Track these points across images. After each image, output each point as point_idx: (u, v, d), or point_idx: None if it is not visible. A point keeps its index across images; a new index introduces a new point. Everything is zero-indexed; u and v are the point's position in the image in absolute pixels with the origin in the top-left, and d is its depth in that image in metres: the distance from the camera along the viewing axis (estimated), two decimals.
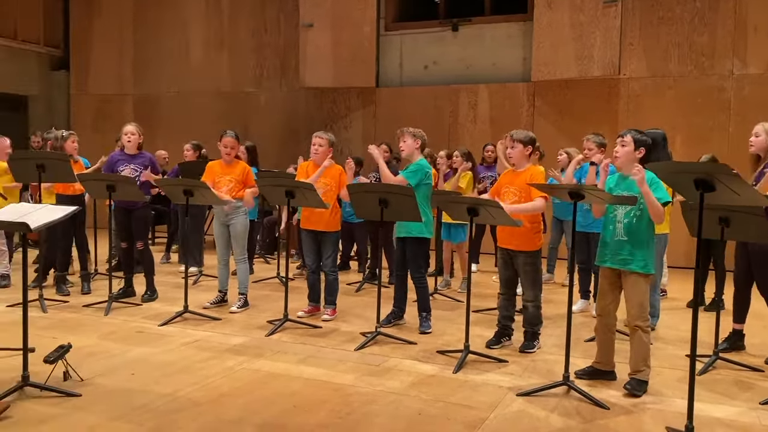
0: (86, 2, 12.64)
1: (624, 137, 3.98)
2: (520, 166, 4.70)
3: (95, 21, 12.58)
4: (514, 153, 4.67)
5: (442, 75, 10.34)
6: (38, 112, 12.71)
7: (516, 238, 4.59)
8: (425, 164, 5.17)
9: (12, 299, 5.82)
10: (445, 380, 4.04)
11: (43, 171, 5.49)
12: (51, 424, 3.20)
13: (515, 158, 4.70)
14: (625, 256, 3.87)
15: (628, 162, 3.96)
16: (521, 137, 4.64)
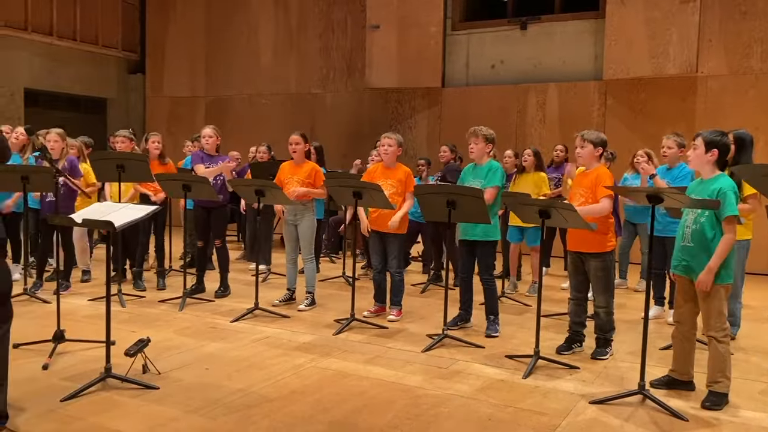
0: (161, 9, 13.12)
1: (695, 140, 3.83)
2: (589, 166, 4.59)
3: (170, 26, 13.04)
4: (584, 153, 4.55)
5: (509, 74, 10.21)
6: (116, 114, 13.28)
7: (587, 241, 4.47)
8: (499, 165, 5.14)
9: (93, 293, 6.11)
10: (514, 385, 3.98)
11: (122, 171, 5.73)
12: (131, 415, 3.33)
13: (584, 158, 4.58)
14: (694, 263, 3.72)
15: (700, 165, 3.81)
16: (592, 137, 4.53)
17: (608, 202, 4.36)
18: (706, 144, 3.76)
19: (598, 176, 4.45)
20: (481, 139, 5.09)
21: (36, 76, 11.59)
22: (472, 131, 5.14)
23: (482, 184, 5.02)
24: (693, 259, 3.72)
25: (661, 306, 5.79)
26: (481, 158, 5.14)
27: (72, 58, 12.13)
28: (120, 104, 13.37)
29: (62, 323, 4.35)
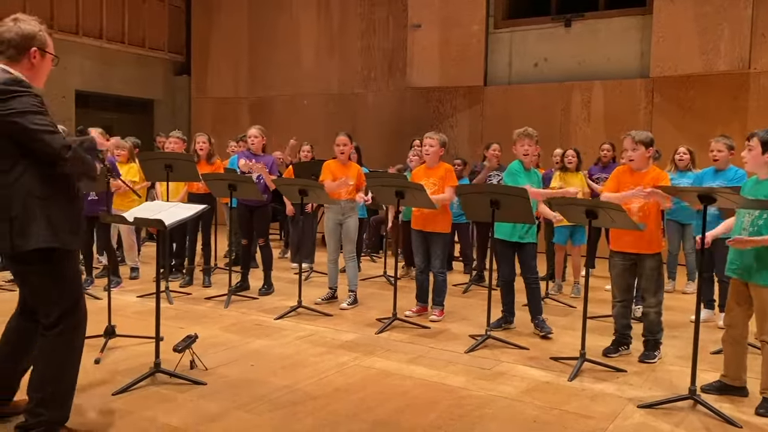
0: (206, 11, 13.36)
1: (750, 140, 3.71)
2: (641, 168, 4.49)
3: (214, 28, 13.27)
4: (636, 155, 4.45)
5: (553, 72, 10.07)
6: (163, 115, 13.59)
7: (640, 241, 4.38)
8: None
9: (141, 290, 6.26)
10: (560, 387, 3.92)
11: (170, 171, 5.86)
12: (180, 409, 3.40)
13: (637, 161, 4.48)
14: (750, 266, 3.60)
15: (756, 166, 3.70)
16: (643, 138, 4.43)
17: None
18: (762, 144, 3.65)
19: (656, 178, 4.37)
20: (535, 141, 5.06)
21: (86, 78, 11.94)
22: (524, 132, 5.07)
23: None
24: (753, 263, 3.60)
25: (711, 309, 5.63)
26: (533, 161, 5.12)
27: (120, 60, 12.45)
28: (166, 105, 13.67)
29: (112, 319, 4.47)
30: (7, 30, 2.80)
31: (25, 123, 2.64)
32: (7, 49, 2.79)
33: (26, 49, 2.81)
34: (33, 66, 2.84)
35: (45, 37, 2.88)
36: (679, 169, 6.48)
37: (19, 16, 2.87)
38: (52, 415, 2.83)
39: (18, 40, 2.79)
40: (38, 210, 2.70)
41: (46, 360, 2.84)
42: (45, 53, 2.88)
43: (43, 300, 2.85)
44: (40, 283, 2.82)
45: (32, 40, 2.82)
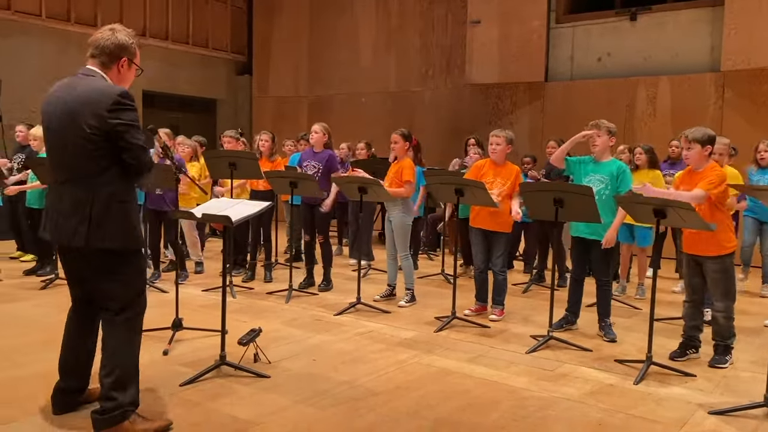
0: (268, 12, 13.60)
1: None
2: (698, 167, 4.32)
3: (275, 28, 13.50)
4: (691, 155, 4.30)
5: (617, 67, 9.80)
6: (225, 114, 13.91)
7: (705, 243, 4.22)
8: (627, 166, 4.96)
9: (205, 284, 6.43)
10: (625, 391, 3.82)
11: (234, 168, 6.00)
12: (245, 402, 3.47)
13: (693, 160, 4.32)
14: None
15: None
16: (698, 136, 4.26)
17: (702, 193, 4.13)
18: None
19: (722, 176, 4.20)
20: (604, 132, 4.89)
21: (153, 78, 12.31)
22: (594, 123, 4.93)
23: (607, 183, 4.83)
24: None
25: None
26: (604, 153, 4.95)
27: (185, 61, 12.82)
28: (229, 104, 13.99)
29: (179, 312, 4.61)
30: (104, 39, 3.00)
31: (128, 137, 2.86)
32: (101, 55, 2.99)
33: (118, 58, 3.01)
34: (120, 74, 3.04)
35: (135, 49, 3.09)
36: (761, 167, 6.22)
37: (116, 27, 3.07)
38: (125, 399, 2.96)
39: (112, 49, 2.99)
40: (117, 213, 2.90)
41: (114, 346, 2.98)
42: (132, 64, 3.08)
43: (109, 294, 2.99)
44: (109, 279, 2.97)
45: (124, 51, 3.02)
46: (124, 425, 2.95)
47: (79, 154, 2.86)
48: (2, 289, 6.07)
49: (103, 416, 2.94)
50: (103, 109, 2.81)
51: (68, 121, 2.87)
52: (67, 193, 2.90)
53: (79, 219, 2.85)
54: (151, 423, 3.06)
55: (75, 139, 2.85)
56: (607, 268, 4.99)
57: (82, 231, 2.85)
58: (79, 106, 2.85)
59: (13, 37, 10.31)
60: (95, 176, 2.87)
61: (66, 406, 3.21)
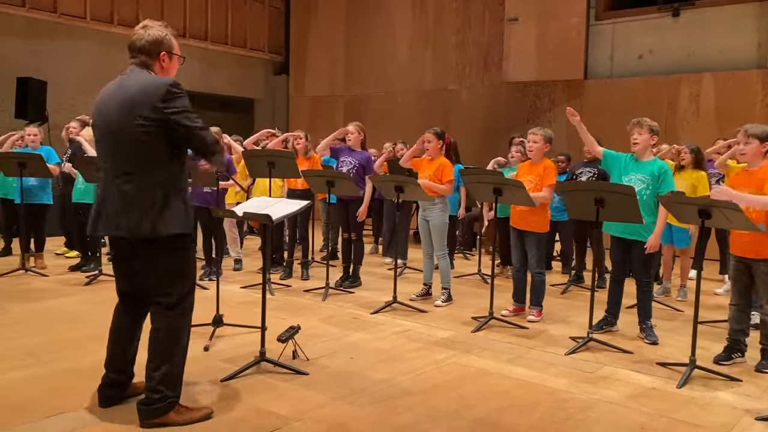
0: (305, 12, 13.71)
1: None
2: (754, 164, 4.21)
3: (312, 28, 13.60)
4: (749, 150, 4.18)
5: (658, 64, 9.62)
6: (263, 114, 14.07)
7: (757, 245, 4.10)
8: (668, 166, 4.85)
9: (244, 281, 6.52)
10: (668, 394, 3.75)
11: (273, 167, 6.07)
12: (284, 398, 3.51)
13: (750, 156, 4.21)
14: None
15: None
16: (758, 132, 4.15)
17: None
18: None
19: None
20: (646, 130, 4.79)
21: (192, 78, 12.53)
22: (636, 122, 4.83)
23: (648, 184, 4.73)
24: None
25: None
26: (644, 152, 4.86)
27: (224, 61, 13.00)
28: (266, 104, 14.15)
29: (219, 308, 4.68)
30: (138, 38, 3.05)
31: (186, 121, 2.93)
32: (140, 54, 3.05)
33: (157, 54, 3.06)
34: (163, 68, 3.09)
35: (171, 40, 3.12)
36: None
37: (147, 23, 3.11)
38: (170, 391, 3.04)
39: (149, 47, 3.05)
40: (176, 201, 2.99)
41: (166, 338, 3.05)
42: (172, 55, 3.12)
43: (168, 281, 3.05)
44: (170, 265, 3.04)
45: (161, 45, 3.07)
46: (169, 415, 3.04)
47: (135, 148, 2.91)
48: (49, 285, 6.25)
49: (149, 407, 3.02)
50: (157, 100, 2.88)
51: (122, 116, 2.92)
52: (126, 188, 2.93)
53: (141, 211, 2.91)
54: (195, 412, 3.14)
55: (130, 133, 2.90)
56: (649, 270, 4.90)
57: (147, 221, 2.91)
58: (132, 101, 2.90)
59: (59, 39, 10.61)
60: (153, 168, 2.94)
61: (112, 399, 3.28)
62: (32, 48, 10.28)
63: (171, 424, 3.04)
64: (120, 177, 2.96)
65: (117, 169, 2.98)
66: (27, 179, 6.74)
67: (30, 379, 3.67)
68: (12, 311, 5.20)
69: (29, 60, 10.13)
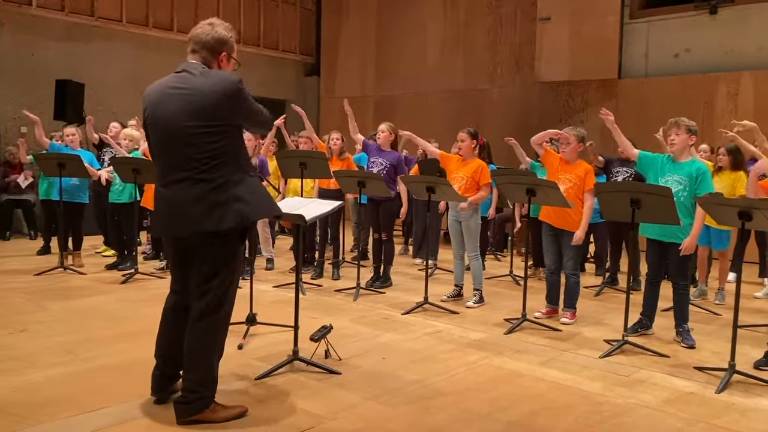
0: (336, 13, 13.77)
1: None
2: None
3: (343, 29, 13.66)
4: None
5: (695, 63, 9.43)
6: (294, 115, 14.10)
7: None
8: (707, 167, 4.76)
9: (276, 281, 6.57)
10: (706, 400, 3.67)
11: (305, 168, 6.11)
12: (317, 397, 3.53)
13: None
14: None
15: None
16: None
17: None
18: None
19: None
20: (684, 130, 4.70)
21: None
22: (674, 122, 4.74)
23: (685, 185, 4.65)
24: None
25: None
26: (683, 152, 4.77)
27: (256, 63, 13.12)
28: (297, 105, 14.21)
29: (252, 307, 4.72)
30: (204, 33, 3.07)
31: (252, 106, 3.06)
32: (201, 49, 3.07)
33: (218, 53, 3.09)
34: (220, 68, 3.11)
35: (233, 43, 3.17)
36: None
37: (214, 21, 3.13)
38: (206, 390, 3.09)
39: (212, 44, 3.07)
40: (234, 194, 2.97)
41: (211, 337, 3.10)
42: (231, 58, 3.16)
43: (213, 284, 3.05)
44: (225, 257, 3.05)
45: (224, 45, 3.10)
46: (205, 413, 3.08)
47: (193, 148, 2.93)
48: (86, 283, 6.39)
49: (186, 405, 3.07)
50: (227, 97, 2.93)
51: (188, 114, 2.92)
52: (186, 186, 2.95)
53: (205, 206, 2.92)
54: (230, 410, 3.18)
55: (193, 131, 2.92)
56: (685, 272, 4.81)
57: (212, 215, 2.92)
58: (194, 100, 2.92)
59: (96, 42, 10.83)
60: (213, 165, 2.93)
61: (163, 388, 3.35)
62: (70, 51, 10.52)
63: (207, 422, 3.08)
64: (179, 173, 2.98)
65: (175, 169, 2.99)
66: (67, 179, 6.90)
67: (68, 375, 3.75)
68: (51, 309, 5.32)
69: (67, 63, 10.37)
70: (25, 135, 10.12)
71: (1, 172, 9.45)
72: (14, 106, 10.03)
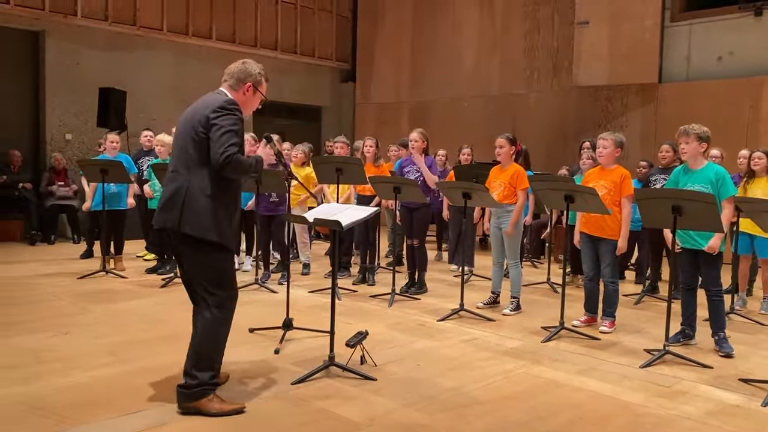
0: (371, 20, 13.84)
1: None
2: None
3: (378, 36, 13.72)
4: None
5: (739, 66, 9.20)
6: (330, 121, 14.27)
7: None
8: (725, 170, 4.65)
9: (312, 286, 6.61)
10: (751, 412, 3.56)
11: (341, 174, 6.15)
12: (353, 403, 3.53)
13: None
14: None
15: None
16: None
17: None
18: None
19: None
20: (693, 138, 4.63)
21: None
22: (683, 131, 4.69)
23: (708, 191, 4.53)
24: None
25: None
26: (695, 159, 4.68)
27: (292, 70, 13.28)
28: (333, 111, 14.35)
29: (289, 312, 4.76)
30: (235, 67, 3.49)
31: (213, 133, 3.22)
32: (230, 78, 3.47)
33: (243, 83, 3.46)
34: (244, 97, 3.47)
35: (261, 79, 3.52)
36: None
37: (247, 61, 3.54)
38: (204, 378, 3.28)
39: (239, 75, 3.45)
40: (203, 205, 3.23)
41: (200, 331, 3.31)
42: (257, 91, 3.51)
43: (198, 281, 3.31)
44: (195, 266, 3.31)
45: (249, 77, 3.47)
46: (202, 402, 3.26)
47: (185, 152, 3.29)
48: (127, 287, 6.52)
49: (186, 391, 3.26)
50: (211, 110, 3.24)
51: (187, 125, 3.33)
52: (172, 183, 3.30)
53: (174, 204, 3.24)
54: (227, 404, 3.33)
55: (186, 140, 3.30)
56: (717, 279, 4.69)
57: (177, 215, 3.23)
58: (195, 112, 3.31)
59: (138, 50, 11.09)
60: (192, 170, 3.25)
61: None
62: (113, 59, 10.80)
63: (203, 411, 3.24)
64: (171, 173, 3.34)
65: (171, 167, 3.37)
66: (109, 186, 7.06)
67: (110, 377, 3.83)
68: (94, 312, 5.45)
69: (110, 71, 10.64)
70: (69, 142, 10.44)
71: (47, 178, 9.72)
72: (59, 114, 10.35)
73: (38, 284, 6.50)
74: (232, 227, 3.40)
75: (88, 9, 10.49)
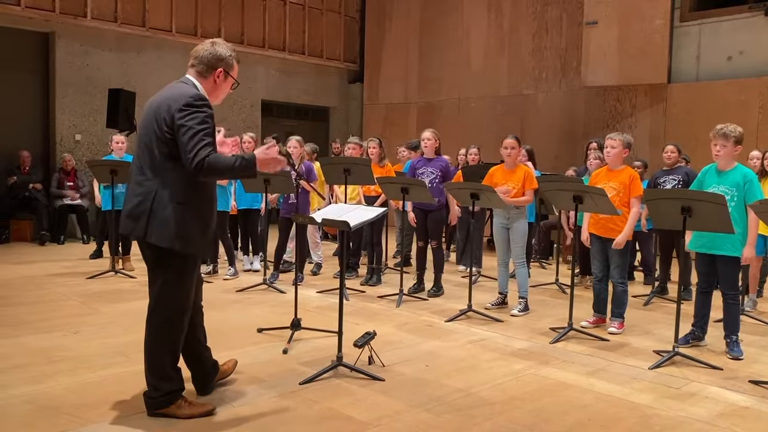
0: (379, 21, 13.84)
1: None
2: None
3: (386, 36, 13.71)
4: None
5: (750, 66, 9.13)
6: (337, 122, 14.29)
7: None
8: (754, 174, 4.61)
9: (321, 286, 6.62)
10: (762, 414, 3.54)
11: (348, 174, 6.15)
12: (360, 403, 3.53)
13: None
14: None
15: None
16: None
17: None
18: None
19: None
20: (732, 142, 4.54)
21: (271, 88, 12.91)
22: (721, 132, 4.57)
23: (733, 194, 4.51)
24: None
25: None
26: (728, 163, 4.64)
27: (300, 70, 13.30)
28: (341, 112, 14.36)
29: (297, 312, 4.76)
30: (204, 49, 3.21)
31: (180, 136, 2.96)
32: (199, 64, 3.20)
33: (214, 68, 3.20)
34: (215, 84, 3.23)
35: (232, 62, 3.25)
36: None
37: (216, 41, 3.27)
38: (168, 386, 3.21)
39: (209, 59, 3.19)
40: (172, 213, 3.03)
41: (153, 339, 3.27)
42: (228, 76, 3.25)
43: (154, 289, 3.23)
44: (154, 274, 3.21)
45: (221, 62, 3.21)
46: (170, 408, 3.20)
47: (150, 151, 3.05)
48: (136, 287, 6.55)
49: (150, 399, 3.22)
50: (176, 109, 2.98)
51: (149, 120, 3.08)
52: (139, 187, 3.08)
53: (141, 212, 3.04)
54: (196, 408, 3.27)
55: (150, 136, 3.06)
56: (735, 282, 4.65)
57: (143, 223, 3.04)
58: (159, 107, 3.05)
59: (148, 51, 11.15)
60: (160, 174, 3.03)
61: (204, 388, 3.51)
62: (122, 60, 10.86)
63: (172, 417, 3.19)
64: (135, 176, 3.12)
65: (134, 169, 3.14)
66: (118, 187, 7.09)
67: (120, 376, 3.86)
68: (103, 311, 5.48)
69: (119, 72, 10.71)
70: (79, 143, 10.50)
71: (57, 179, 9.78)
72: (69, 115, 10.41)
73: (48, 284, 6.55)
74: (207, 235, 3.21)
75: (97, 10, 10.55)
